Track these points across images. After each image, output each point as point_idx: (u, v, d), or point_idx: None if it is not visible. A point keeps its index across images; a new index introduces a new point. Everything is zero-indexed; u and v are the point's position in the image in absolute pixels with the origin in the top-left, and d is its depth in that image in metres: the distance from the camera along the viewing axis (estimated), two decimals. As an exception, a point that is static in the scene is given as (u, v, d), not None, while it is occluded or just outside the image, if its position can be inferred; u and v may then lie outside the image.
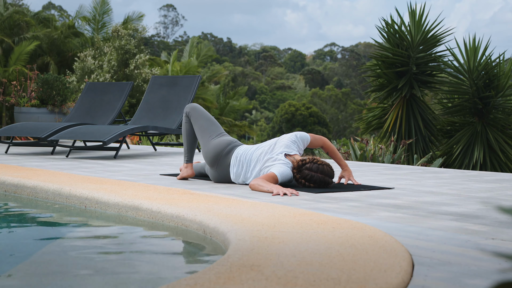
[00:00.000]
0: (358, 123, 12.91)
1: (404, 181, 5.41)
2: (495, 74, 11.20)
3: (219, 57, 61.38)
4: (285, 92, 59.27)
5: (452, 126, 11.69)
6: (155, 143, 9.62)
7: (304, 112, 44.03)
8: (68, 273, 2.69)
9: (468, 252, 2.62)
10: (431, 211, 3.70)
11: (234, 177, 4.95)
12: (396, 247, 2.58)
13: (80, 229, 3.82)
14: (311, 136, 4.94)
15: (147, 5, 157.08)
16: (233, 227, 2.97)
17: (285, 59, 78.40)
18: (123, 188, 4.41)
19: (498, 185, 5.22)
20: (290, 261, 2.32)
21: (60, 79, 10.23)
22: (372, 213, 3.61)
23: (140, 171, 6.07)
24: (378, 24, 36.65)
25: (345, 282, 2.06)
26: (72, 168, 6.28)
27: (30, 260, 2.94)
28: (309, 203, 3.98)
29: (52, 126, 8.15)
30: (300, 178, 4.69)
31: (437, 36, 11.58)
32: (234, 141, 5.07)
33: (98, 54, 19.06)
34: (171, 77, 9.34)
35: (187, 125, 5.21)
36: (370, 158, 9.64)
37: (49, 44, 18.73)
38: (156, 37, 67.71)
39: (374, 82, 12.25)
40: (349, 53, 72.34)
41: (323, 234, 2.84)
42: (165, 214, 3.61)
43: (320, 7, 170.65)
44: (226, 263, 2.25)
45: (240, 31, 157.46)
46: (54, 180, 4.82)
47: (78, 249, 3.20)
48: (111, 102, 9.20)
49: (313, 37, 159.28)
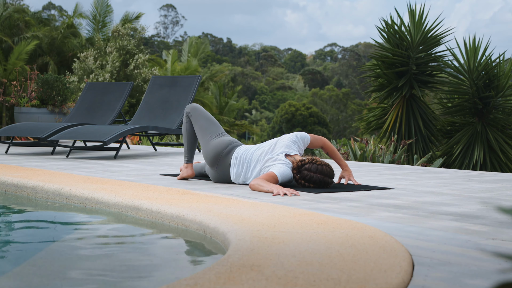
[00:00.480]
0: (358, 123, 12.91)
1: (404, 181, 5.41)
2: (495, 74, 11.20)
3: (219, 57, 61.39)
4: (285, 92, 59.27)
5: (452, 126, 11.69)
6: (155, 143, 9.63)
7: (304, 112, 44.02)
8: (68, 274, 2.70)
9: (468, 252, 2.62)
10: (431, 211, 3.70)
11: (234, 177, 4.95)
12: (396, 247, 2.58)
13: (80, 229, 3.82)
14: (311, 137, 4.94)
15: (147, 5, 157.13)
16: (233, 227, 2.97)
17: (285, 59, 78.40)
18: (123, 188, 4.41)
19: (498, 185, 5.22)
20: (290, 261, 2.32)
21: (60, 79, 10.24)
22: (372, 213, 3.61)
23: (140, 171, 6.07)
24: (378, 24, 36.66)
25: (345, 282, 2.06)
26: (72, 168, 6.28)
27: (31, 261, 2.95)
28: (309, 203, 3.98)
29: (52, 126, 8.15)
30: (300, 178, 4.69)
31: (437, 36, 11.58)
32: (234, 141, 5.07)
33: (99, 54, 19.06)
34: (171, 77, 9.34)
35: (188, 125, 5.22)
36: (370, 158, 9.64)
37: (48, 44, 18.73)
38: (156, 37, 67.72)
39: (374, 82, 12.26)
40: (349, 53, 72.34)
41: (323, 234, 2.84)
42: (165, 214, 3.61)
43: (321, 7, 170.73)
44: (226, 263, 2.25)
45: (240, 32, 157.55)
46: (54, 180, 4.82)
47: (78, 250, 3.20)
48: (111, 102, 9.20)
49: (313, 37, 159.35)
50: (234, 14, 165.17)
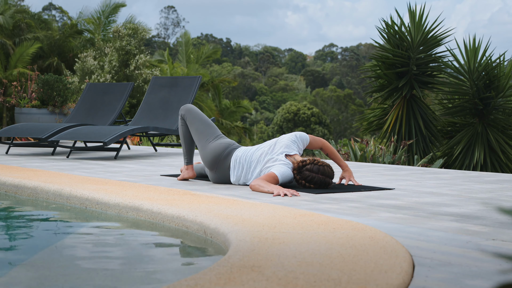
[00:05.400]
0: (359, 122, 12.91)
1: (404, 182, 5.41)
2: (495, 75, 11.20)
3: (219, 58, 61.38)
4: (285, 93, 59.28)
5: (453, 126, 11.69)
6: (155, 144, 9.62)
7: (307, 112, 44.04)
8: (68, 274, 2.69)
9: (469, 253, 2.62)
10: (431, 212, 3.70)
11: (234, 179, 4.94)
12: (397, 248, 2.58)
13: (81, 230, 3.82)
14: (310, 137, 4.94)
15: (148, 6, 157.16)
16: (233, 228, 2.97)
17: (286, 60, 78.38)
18: (124, 188, 4.41)
19: (498, 186, 5.22)
20: (290, 262, 2.32)
21: (60, 80, 10.24)
22: (372, 214, 3.61)
23: (141, 171, 6.07)
24: (379, 25, 36.65)
25: (346, 283, 2.06)
26: (72, 168, 6.28)
27: (31, 261, 2.94)
28: (309, 204, 3.98)
29: (53, 126, 8.15)
30: (301, 179, 4.68)
31: (437, 37, 11.58)
32: (232, 143, 5.04)
33: (99, 54, 19.07)
34: (171, 78, 9.35)
35: (183, 127, 5.18)
36: (370, 158, 9.64)
37: (49, 45, 18.73)
38: (157, 38, 67.72)
39: (375, 83, 12.26)
40: (350, 53, 72.34)
41: (323, 235, 2.84)
42: (166, 215, 3.61)
43: (321, 8, 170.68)
44: (226, 264, 2.25)
45: (241, 33, 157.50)
46: (54, 180, 4.82)
47: (78, 250, 3.20)
48: (112, 103, 9.20)
49: (314, 38, 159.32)
50: (235, 15, 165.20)
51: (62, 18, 26.84)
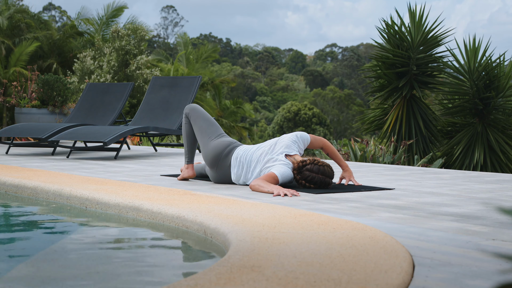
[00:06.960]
0: (359, 123, 12.91)
1: (404, 182, 5.41)
2: (495, 75, 11.20)
3: (219, 58, 61.36)
4: (285, 93, 59.28)
5: (453, 126, 11.69)
6: (155, 144, 9.63)
7: (308, 112, 44.05)
8: (68, 274, 2.70)
9: (469, 253, 2.62)
10: (431, 212, 3.70)
11: (234, 177, 4.95)
12: (397, 248, 2.58)
13: (81, 230, 3.82)
14: (311, 137, 4.94)
15: (148, 6, 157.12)
16: (233, 228, 2.97)
17: (286, 60, 78.38)
18: (124, 188, 4.41)
19: (498, 186, 5.22)
20: (290, 262, 2.32)
21: (60, 80, 10.24)
22: (372, 214, 3.61)
23: (141, 171, 6.07)
24: (379, 25, 36.66)
25: (346, 283, 2.06)
26: (72, 168, 6.28)
27: (31, 261, 2.95)
28: (309, 204, 3.98)
29: (53, 126, 8.15)
30: (301, 179, 4.69)
31: (437, 37, 11.59)
32: (234, 142, 5.06)
33: (98, 54, 19.06)
34: (171, 78, 9.35)
35: (187, 126, 5.21)
36: (370, 158, 9.64)
37: (49, 45, 18.73)
38: (157, 38, 67.73)
39: (375, 83, 12.26)
40: (350, 53, 72.33)
41: (323, 235, 2.84)
42: (166, 215, 3.61)
43: (321, 8, 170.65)
44: (226, 264, 2.25)
45: (241, 33, 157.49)
46: (54, 180, 4.82)
47: (78, 250, 3.20)
48: (112, 103, 9.20)
49: (314, 38, 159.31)
50: (235, 15, 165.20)
51: (62, 18, 26.85)
